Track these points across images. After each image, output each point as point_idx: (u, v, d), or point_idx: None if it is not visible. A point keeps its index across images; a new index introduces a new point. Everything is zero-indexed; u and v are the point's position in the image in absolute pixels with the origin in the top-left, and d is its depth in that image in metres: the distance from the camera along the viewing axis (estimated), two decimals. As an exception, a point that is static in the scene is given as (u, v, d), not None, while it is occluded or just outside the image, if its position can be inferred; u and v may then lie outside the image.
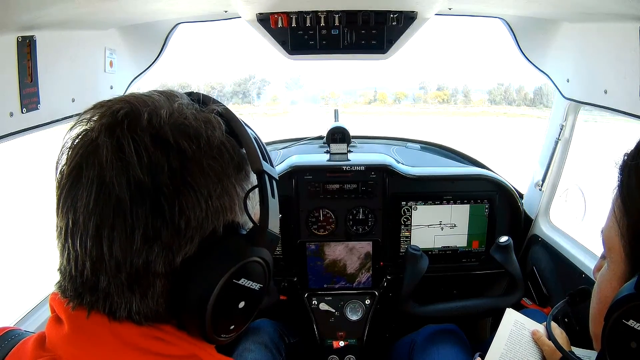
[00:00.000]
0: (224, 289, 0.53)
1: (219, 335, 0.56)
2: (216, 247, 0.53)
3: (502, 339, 1.21)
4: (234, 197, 0.54)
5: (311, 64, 5.90)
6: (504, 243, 1.56)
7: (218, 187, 0.52)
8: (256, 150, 0.56)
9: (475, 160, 2.18)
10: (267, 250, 0.57)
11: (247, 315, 0.59)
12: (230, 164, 0.54)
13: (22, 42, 1.08)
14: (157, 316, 0.53)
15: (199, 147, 0.51)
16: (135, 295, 0.51)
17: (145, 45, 1.68)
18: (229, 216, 0.54)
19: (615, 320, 0.53)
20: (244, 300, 0.56)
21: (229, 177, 0.54)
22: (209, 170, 0.51)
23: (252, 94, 27.44)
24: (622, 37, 1.18)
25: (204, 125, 0.52)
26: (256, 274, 0.56)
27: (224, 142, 0.54)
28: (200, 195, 0.50)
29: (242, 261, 0.54)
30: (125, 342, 0.52)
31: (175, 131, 0.50)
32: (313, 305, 1.79)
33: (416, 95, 27.10)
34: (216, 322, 0.54)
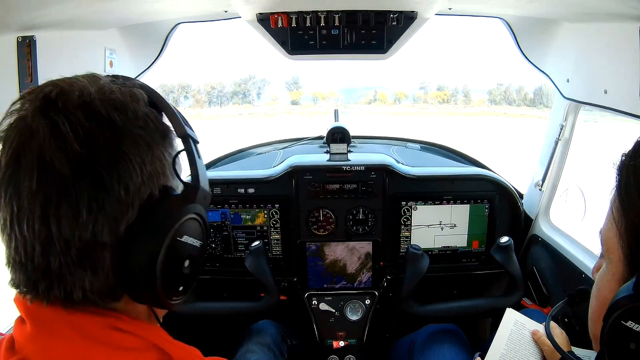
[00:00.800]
0: (170, 248, 0.55)
1: (170, 298, 0.58)
2: (155, 209, 0.55)
3: (502, 339, 1.21)
4: (164, 162, 0.57)
5: (311, 64, 5.90)
6: (505, 243, 1.56)
7: (149, 154, 0.55)
8: (178, 117, 0.61)
9: (475, 160, 2.18)
10: (201, 207, 0.61)
11: (192, 275, 0.61)
12: (155, 132, 0.57)
13: (22, 42, 1.09)
14: (111, 291, 0.55)
15: (127, 118, 0.54)
16: (87, 271, 0.53)
17: (145, 45, 1.68)
18: (162, 180, 0.57)
19: (614, 321, 0.53)
20: (188, 258, 0.59)
21: (156, 144, 0.57)
22: (138, 138, 0.54)
23: (252, 94, 27.46)
24: (622, 37, 1.18)
25: (130, 98, 0.56)
26: (196, 230, 0.60)
27: (147, 113, 0.57)
28: (135, 162, 0.53)
29: (182, 218, 0.57)
30: (85, 335, 0.54)
31: (106, 105, 0.53)
32: (313, 305, 1.79)
33: (416, 95, 27.14)
34: (166, 283, 0.56)
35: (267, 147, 2.27)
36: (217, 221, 1.78)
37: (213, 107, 27.28)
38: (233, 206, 1.77)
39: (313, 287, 1.81)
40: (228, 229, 1.79)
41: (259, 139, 2.38)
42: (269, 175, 1.76)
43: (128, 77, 0.62)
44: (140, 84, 0.61)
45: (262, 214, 1.77)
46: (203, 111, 26.53)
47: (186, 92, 27.58)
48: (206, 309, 1.67)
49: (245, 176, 1.79)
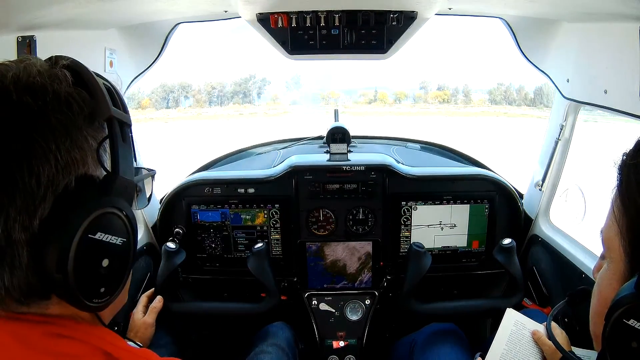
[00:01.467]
0: (81, 246, 0.50)
1: (90, 300, 0.53)
2: (68, 202, 0.50)
3: (502, 339, 1.21)
4: (86, 149, 0.53)
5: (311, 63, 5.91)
6: (507, 245, 1.56)
7: (67, 141, 0.51)
8: (104, 96, 0.55)
9: (475, 160, 2.18)
10: (124, 199, 0.55)
11: (117, 276, 0.56)
12: (79, 116, 0.52)
13: (22, 42, 1.09)
14: (32, 290, 0.52)
15: (44, 102, 0.50)
16: (5, 269, 0.50)
17: (145, 45, 1.68)
18: (81, 169, 0.52)
19: (616, 319, 0.53)
20: (107, 257, 0.53)
21: (79, 129, 0.52)
22: (56, 124, 0.50)
23: (252, 93, 27.46)
24: (622, 37, 1.18)
25: (49, 80, 0.51)
26: (114, 226, 0.54)
27: (72, 93, 0.52)
28: (49, 151, 0.49)
29: (94, 213, 0.51)
30: (26, 344, 0.52)
31: (19, 89, 0.50)
32: (313, 305, 1.79)
33: (417, 95, 27.13)
34: (82, 284, 0.52)
35: (267, 147, 2.27)
36: (217, 221, 1.78)
37: (213, 107, 27.29)
38: (233, 206, 1.77)
39: (313, 287, 1.81)
40: (228, 229, 1.79)
41: (259, 139, 2.39)
42: (269, 175, 1.76)
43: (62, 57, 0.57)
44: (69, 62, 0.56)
45: (262, 214, 1.77)
46: (203, 111, 26.55)
47: (186, 92, 27.58)
48: (207, 309, 1.67)
49: (245, 176, 1.79)
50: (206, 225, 1.79)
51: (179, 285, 1.83)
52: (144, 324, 1.45)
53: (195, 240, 1.80)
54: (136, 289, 1.70)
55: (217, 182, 1.77)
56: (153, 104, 26.60)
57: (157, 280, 1.58)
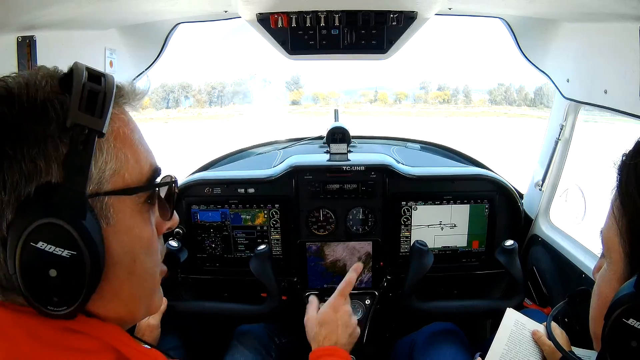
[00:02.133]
0: (24, 253, 0.51)
1: (45, 307, 0.53)
2: (23, 209, 0.51)
3: (502, 339, 1.21)
4: (54, 157, 0.52)
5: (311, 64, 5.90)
6: (510, 247, 1.56)
7: (34, 149, 0.51)
8: (77, 102, 0.53)
9: (475, 160, 2.18)
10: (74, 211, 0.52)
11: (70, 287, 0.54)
12: (54, 122, 0.52)
13: (22, 42, 1.09)
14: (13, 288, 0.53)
15: (18, 110, 0.51)
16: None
17: (145, 45, 1.68)
18: (44, 178, 0.52)
19: (616, 319, 0.53)
20: (53, 268, 0.52)
21: (51, 136, 0.52)
22: (28, 132, 0.51)
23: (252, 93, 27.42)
24: (622, 37, 1.18)
25: (29, 89, 0.52)
26: (58, 237, 0.52)
27: (51, 100, 0.52)
28: (15, 161, 0.50)
29: (35, 222, 0.51)
30: (37, 337, 0.53)
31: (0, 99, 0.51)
32: None
33: (417, 95, 27.10)
34: (32, 290, 0.52)
35: (267, 147, 2.28)
36: (217, 221, 1.78)
37: (214, 107, 27.30)
38: (233, 206, 1.77)
39: (313, 287, 1.81)
40: (228, 229, 1.79)
41: (259, 139, 2.39)
42: (269, 175, 1.76)
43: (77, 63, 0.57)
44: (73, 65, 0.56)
45: (262, 214, 1.77)
46: (203, 111, 26.55)
47: (187, 92, 27.60)
48: (210, 309, 1.68)
49: (245, 176, 1.79)
50: (206, 225, 1.79)
51: (178, 284, 1.83)
52: (149, 327, 1.45)
53: (195, 240, 1.80)
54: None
55: (217, 182, 1.77)
56: (153, 104, 26.59)
57: None
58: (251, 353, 1.54)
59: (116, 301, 0.60)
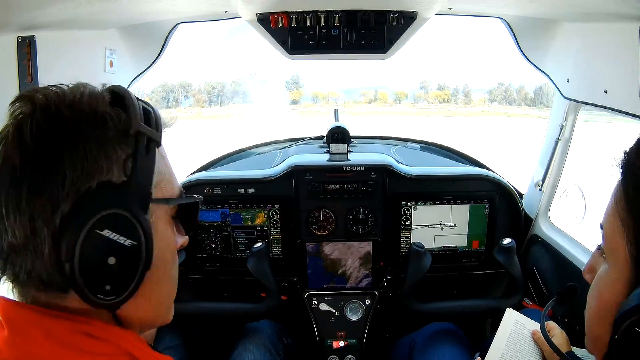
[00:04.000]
0: (87, 240, 0.55)
1: (95, 295, 0.56)
2: (85, 201, 0.56)
3: (502, 339, 1.21)
4: (114, 159, 0.58)
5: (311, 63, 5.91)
6: (507, 245, 1.56)
7: (95, 150, 0.57)
8: (137, 115, 0.61)
9: (475, 160, 2.18)
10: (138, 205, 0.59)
11: (124, 276, 0.58)
12: (113, 130, 0.58)
13: (22, 42, 1.09)
14: (53, 280, 0.56)
15: (81, 116, 0.57)
16: (29, 255, 0.55)
17: (145, 45, 1.68)
18: (105, 176, 0.57)
19: (628, 327, 0.52)
20: (113, 255, 0.57)
21: (109, 141, 0.58)
22: (88, 135, 0.57)
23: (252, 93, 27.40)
24: (622, 37, 1.18)
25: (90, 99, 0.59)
26: (123, 227, 0.57)
27: (108, 112, 0.59)
28: (76, 158, 0.55)
29: (103, 211, 0.56)
30: (57, 340, 0.56)
31: (64, 105, 0.57)
32: (313, 305, 1.79)
33: (417, 94, 27.07)
34: (87, 278, 0.55)
35: (267, 147, 2.27)
36: (217, 221, 1.78)
37: (213, 107, 27.28)
38: (233, 206, 1.77)
39: (313, 287, 1.81)
40: (228, 229, 1.79)
41: (259, 139, 2.39)
42: (269, 175, 1.76)
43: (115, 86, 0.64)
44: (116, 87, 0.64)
45: (262, 214, 1.77)
46: (203, 111, 26.53)
47: (186, 91, 27.58)
48: (208, 309, 1.67)
49: (245, 176, 1.79)
50: (206, 225, 1.78)
51: None
52: None
53: (195, 240, 1.80)
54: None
55: (217, 182, 1.77)
56: (153, 103, 26.39)
57: None
58: (259, 351, 1.53)
59: (147, 304, 0.64)
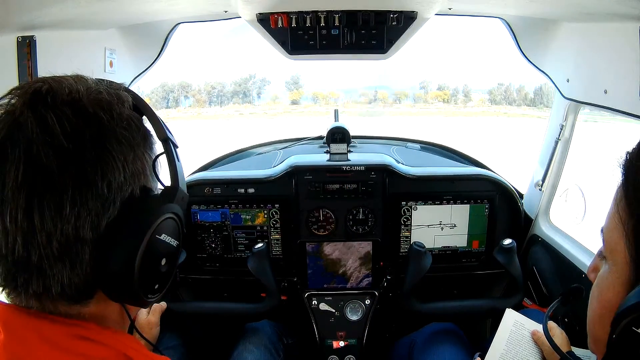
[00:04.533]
0: (149, 245, 0.57)
1: (146, 295, 0.59)
2: (136, 207, 0.57)
3: (502, 339, 1.21)
4: (145, 163, 0.60)
5: (311, 63, 5.91)
6: (508, 245, 1.56)
7: (131, 153, 0.57)
8: (160, 121, 0.64)
9: (475, 160, 2.18)
10: (179, 207, 0.63)
11: (168, 274, 0.63)
12: (137, 134, 0.59)
13: (22, 42, 1.09)
14: (86, 286, 0.56)
15: (112, 118, 0.56)
16: (66, 265, 0.54)
17: (145, 45, 1.68)
18: (143, 180, 0.59)
19: (625, 327, 0.52)
20: (165, 257, 0.61)
21: (138, 145, 0.59)
22: (121, 138, 0.56)
23: (252, 93, 27.45)
24: (622, 37, 1.18)
25: (116, 99, 0.58)
26: (173, 229, 0.61)
27: (131, 115, 0.59)
28: (118, 160, 0.55)
29: (161, 217, 0.58)
30: (53, 345, 0.55)
31: (93, 103, 0.55)
32: (313, 305, 1.79)
33: (416, 95, 27.11)
34: (143, 280, 0.57)
35: (267, 147, 2.28)
36: (217, 221, 1.78)
37: (213, 107, 27.29)
38: (233, 206, 1.77)
39: (313, 287, 1.81)
40: (228, 229, 1.79)
41: (259, 139, 2.39)
42: (269, 175, 1.76)
43: (112, 82, 0.63)
44: (125, 88, 0.63)
45: (262, 214, 1.77)
46: (203, 111, 26.54)
47: (186, 91, 27.59)
48: (207, 309, 1.67)
49: (245, 176, 1.79)
50: (206, 225, 1.79)
51: (177, 284, 1.83)
52: (149, 324, 1.46)
53: (195, 240, 1.80)
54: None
55: (217, 182, 1.77)
56: (153, 103, 26.50)
57: None
58: (259, 351, 1.54)
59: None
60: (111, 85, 0.61)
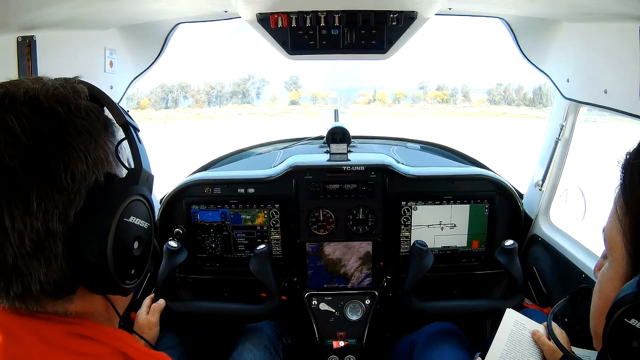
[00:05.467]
0: (118, 229, 0.57)
1: (123, 282, 0.60)
2: (101, 194, 0.57)
3: (502, 339, 1.21)
4: (107, 150, 0.60)
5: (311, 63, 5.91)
6: (510, 247, 1.56)
7: (92, 142, 0.58)
8: (118, 107, 0.64)
9: (475, 160, 2.18)
10: (146, 188, 0.64)
11: (143, 258, 0.63)
12: (97, 123, 0.60)
13: (22, 42, 1.09)
14: (66, 282, 0.57)
15: (69, 110, 0.57)
16: (41, 262, 0.54)
17: (145, 45, 1.68)
18: (106, 167, 0.60)
19: (617, 319, 0.53)
20: (136, 239, 0.61)
21: (99, 133, 0.59)
22: (81, 128, 0.57)
23: (251, 94, 27.44)
24: (622, 37, 1.18)
25: (71, 92, 0.59)
26: (142, 211, 0.62)
27: (89, 105, 0.60)
28: (79, 150, 0.56)
29: (127, 200, 0.59)
30: (48, 343, 0.56)
31: (49, 99, 0.57)
32: (313, 305, 1.79)
33: (415, 95, 27.12)
34: (118, 265, 0.58)
35: (267, 147, 2.27)
36: (217, 221, 1.78)
37: (212, 107, 27.28)
38: (233, 206, 1.77)
39: (313, 287, 1.81)
40: (228, 229, 1.79)
41: (258, 139, 2.39)
42: (269, 175, 1.76)
43: (67, 78, 0.64)
44: (80, 80, 0.64)
45: (262, 214, 1.77)
46: (202, 111, 26.53)
47: (185, 92, 27.58)
48: (207, 309, 1.67)
49: (245, 176, 1.79)
50: (206, 225, 1.78)
51: (177, 284, 1.83)
52: (149, 324, 1.46)
53: (195, 240, 1.80)
54: (136, 287, 1.69)
55: (217, 182, 1.77)
56: (152, 104, 26.53)
57: (158, 279, 1.58)
58: (259, 351, 1.54)
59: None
60: (67, 80, 0.62)
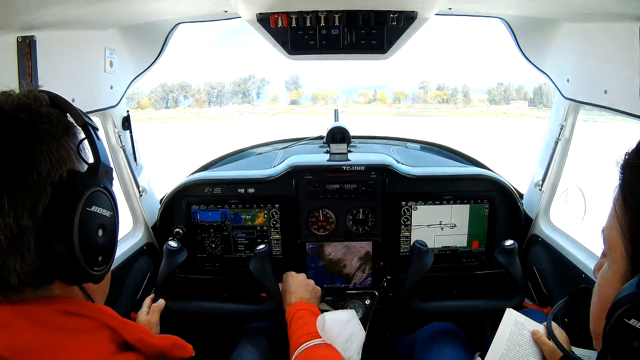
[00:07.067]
0: (82, 218, 0.62)
1: (92, 268, 0.65)
2: (64, 188, 0.62)
3: (502, 339, 1.21)
4: (69, 149, 0.65)
5: (311, 63, 5.90)
6: (510, 247, 1.56)
7: (54, 143, 0.63)
8: (76, 110, 0.70)
9: (475, 160, 2.18)
10: (107, 180, 0.70)
11: (109, 244, 0.69)
12: (59, 126, 0.65)
13: (22, 42, 1.09)
14: (40, 274, 0.61)
15: (32, 116, 0.63)
16: (16, 257, 0.59)
17: (145, 45, 1.68)
18: (69, 164, 0.64)
19: (617, 319, 0.53)
20: (100, 227, 0.66)
21: (60, 135, 0.65)
22: (44, 132, 0.63)
23: (251, 93, 27.45)
24: (622, 37, 1.18)
25: (33, 100, 0.65)
26: (103, 201, 0.67)
27: (50, 111, 0.66)
28: (42, 151, 0.61)
29: (88, 191, 0.64)
30: (39, 323, 0.60)
31: (13, 108, 0.62)
32: None
33: (416, 95, 27.14)
34: (85, 253, 0.63)
35: (267, 147, 2.27)
36: (217, 221, 1.78)
37: (212, 107, 27.28)
38: (233, 206, 1.77)
39: None
40: (228, 229, 1.79)
41: (259, 139, 2.39)
42: (269, 175, 1.76)
43: (31, 89, 0.70)
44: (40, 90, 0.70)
45: (262, 214, 1.77)
46: (203, 111, 26.54)
47: (186, 92, 27.58)
48: (207, 309, 1.67)
49: (245, 176, 1.79)
50: (206, 225, 1.78)
51: (177, 284, 1.83)
52: (149, 324, 1.46)
53: (195, 240, 1.80)
54: (136, 288, 1.69)
55: (217, 182, 1.77)
56: (152, 104, 26.54)
57: (158, 278, 1.58)
58: (259, 351, 1.54)
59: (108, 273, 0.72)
60: (30, 91, 0.68)
